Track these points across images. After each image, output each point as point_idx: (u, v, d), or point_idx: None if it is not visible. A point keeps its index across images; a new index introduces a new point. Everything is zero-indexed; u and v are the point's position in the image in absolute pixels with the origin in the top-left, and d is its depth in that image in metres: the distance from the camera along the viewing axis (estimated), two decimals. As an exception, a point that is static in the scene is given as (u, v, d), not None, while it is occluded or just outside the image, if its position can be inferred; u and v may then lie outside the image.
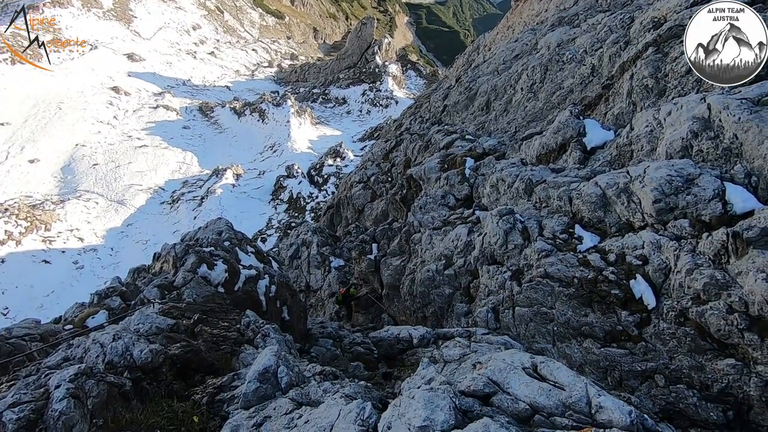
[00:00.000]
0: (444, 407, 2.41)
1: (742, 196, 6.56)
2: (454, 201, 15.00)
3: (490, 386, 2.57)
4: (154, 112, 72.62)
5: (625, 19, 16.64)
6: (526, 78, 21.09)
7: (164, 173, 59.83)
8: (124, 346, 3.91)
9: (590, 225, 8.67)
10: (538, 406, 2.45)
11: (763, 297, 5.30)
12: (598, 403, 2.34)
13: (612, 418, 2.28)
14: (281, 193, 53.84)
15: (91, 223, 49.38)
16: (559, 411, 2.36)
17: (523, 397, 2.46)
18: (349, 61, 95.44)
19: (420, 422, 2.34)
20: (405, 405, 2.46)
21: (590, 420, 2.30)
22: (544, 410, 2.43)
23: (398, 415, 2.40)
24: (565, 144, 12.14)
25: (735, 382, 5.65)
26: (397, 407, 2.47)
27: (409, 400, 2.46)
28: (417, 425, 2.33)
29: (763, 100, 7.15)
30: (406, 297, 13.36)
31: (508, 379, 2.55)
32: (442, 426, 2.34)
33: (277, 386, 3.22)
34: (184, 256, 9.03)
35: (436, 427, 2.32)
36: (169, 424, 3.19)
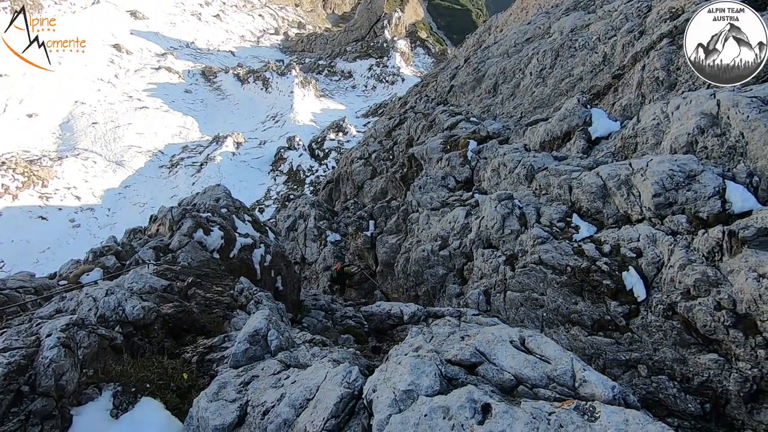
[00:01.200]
0: (430, 374, 2.47)
1: (742, 195, 6.55)
2: (454, 183, 14.95)
3: (477, 356, 2.62)
4: (155, 74, 71.28)
5: (642, 8, 16.24)
6: (536, 62, 20.71)
7: (164, 136, 59.17)
8: (116, 301, 3.96)
9: (588, 215, 8.68)
10: (522, 377, 2.51)
11: (752, 296, 5.37)
12: (583, 377, 2.40)
13: (595, 392, 2.34)
14: (281, 165, 53.46)
15: (88, 182, 49.11)
16: (543, 383, 2.42)
17: (508, 368, 2.52)
18: (357, 34, 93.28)
19: (405, 386, 2.40)
20: (391, 370, 2.52)
21: (573, 393, 2.36)
22: (528, 381, 2.48)
23: (384, 379, 2.47)
24: (570, 132, 12.03)
25: (715, 377, 5.78)
26: (383, 372, 2.53)
27: (395, 366, 2.52)
28: (402, 389, 2.40)
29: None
30: (399, 275, 13.47)
31: (495, 350, 2.60)
32: (427, 391, 2.40)
33: (267, 348, 3.28)
34: (181, 220, 9.02)
35: (421, 392, 2.39)
36: (159, 379, 3.27)
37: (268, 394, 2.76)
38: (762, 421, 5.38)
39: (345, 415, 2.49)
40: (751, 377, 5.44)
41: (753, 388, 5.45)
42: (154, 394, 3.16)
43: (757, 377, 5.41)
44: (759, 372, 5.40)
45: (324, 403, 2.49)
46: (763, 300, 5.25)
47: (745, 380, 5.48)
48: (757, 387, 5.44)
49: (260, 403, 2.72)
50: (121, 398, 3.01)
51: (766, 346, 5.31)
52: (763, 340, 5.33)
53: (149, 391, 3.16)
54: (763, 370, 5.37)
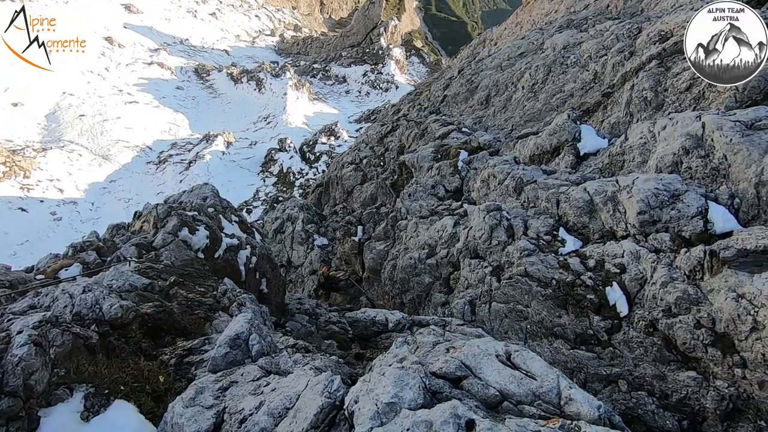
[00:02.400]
0: (413, 386, 2.43)
1: (724, 216, 6.70)
2: (444, 192, 15.01)
3: (462, 370, 2.60)
4: (147, 68, 70.55)
5: (633, 29, 16.64)
6: (528, 77, 21.02)
7: (153, 132, 58.45)
8: (94, 298, 3.83)
9: (574, 229, 8.77)
10: (507, 393, 2.49)
11: (731, 315, 5.46)
12: (569, 396, 2.38)
13: (581, 411, 2.32)
14: (271, 166, 53.20)
15: (72, 175, 48.17)
16: (528, 400, 2.40)
17: (493, 383, 2.49)
18: (353, 40, 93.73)
19: (388, 399, 2.36)
20: (374, 381, 2.47)
21: (558, 411, 2.34)
22: (513, 397, 2.46)
23: (366, 390, 2.42)
24: (559, 147, 12.19)
25: (693, 394, 5.85)
26: (366, 382, 2.48)
27: (379, 377, 2.47)
28: (385, 401, 2.35)
29: (756, 125, 7.25)
30: (386, 282, 13.42)
31: (480, 364, 2.58)
32: (410, 404, 2.36)
33: (248, 353, 3.20)
34: (166, 218, 8.87)
35: (404, 405, 2.34)
36: (134, 381, 3.15)
37: (247, 401, 2.69)
38: (737, 439, 5.45)
39: (325, 426, 2.44)
40: (728, 396, 5.52)
41: (729, 407, 5.53)
42: (128, 397, 3.05)
43: (733, 396, 5.49)
44: (735, 391, 5.48)
45: (304, 413, 2.43)
46: (742, 320, 5.34)
47: (722, 398, 5.55)
48: (733, 405, 5.51)
49: (238, 410, 2.63)
50: (93, 400, 2.90)
51: (743, 366, 5.40)
52: (740, 359, 5.41)
53: (123, 393, 3.04)
54: (739, 389, 5.45)
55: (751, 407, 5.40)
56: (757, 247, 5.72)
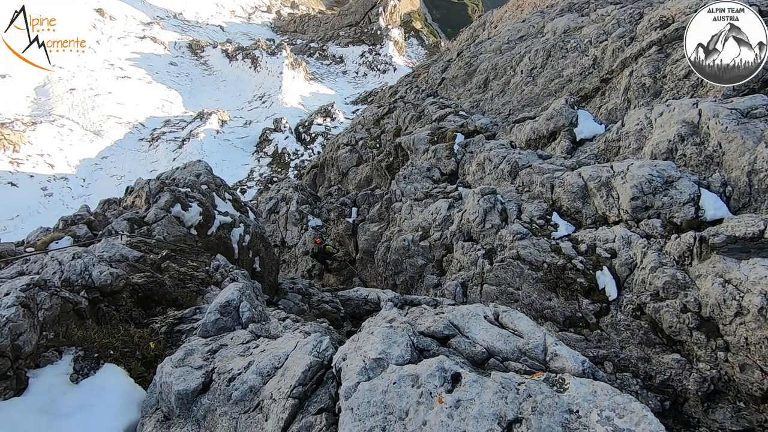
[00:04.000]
0: (401, 343, 2.48)
1: (715, 204, 6.76)
2: (439, 175, 14.98)
3: (450, 329, 2.64)
4: (140, 43, 68.89)
5: (635, 14, 16.45)
6: (527, 61, 20.81)
7: (146, 109, 57.42)
8: (83, 265, 3.81)
9: (567, 214, 8.82)
10: (494, 350, 2.54)
11: (717, 300, 5.56)
12: (554, 352, 2.44)
13: (565, 366, 2.38)
14: (266, 146, 52.63)
15: (63, 151, 47.40)
16: (514, 356, 2.46)
17: (480, 341, 2.54)
18: (351, 19, 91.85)
19: (375, 354, 2.41)
20: (363, 339, 2.51)
21: (544, 366, 2.40)
22: (499, 354, 2.51)
23: (355, 348, 2.46)
24: (555, 132, 12.16)
25: (677, 376, 5.99)
26: (354, 341, 2.52)
27: (367, 335, 2.51)
28: (372, 357, 2.39)
29: (752, 113, 7.26)
30: (379, 263, 13.49)
31: (468, 324, 2.62)
32: (397, 360, 2.41)
33: (238, 320, 3.22)
34: (159, 193, 8.78)
35: (391, 361, 2.39)
36: (124, 347, 3.17)
37: (236, 362, 2.72)
38: (716, 419, 5.61)
39: (313, 384, 2.48)
40: (710, 378, 5.66)
41: (710, 388, 5.68)
42: (117, 361, 3.06)
43: (715, 378, 5.63)
44: (717, 373, 5.62)
45: (292, 371, 2.47)
46: (727, 305, 5.44)
47: (704, 380, 5.69)
48: (714, 387, 5.66)
49: (227, 370, 2.67)
50: (83, 363, 2.91)
51: (725, 349, 5.52)
52: (723, 343, 5.54)
53: (113, 357, 3.06)
54: (721, 371, 5.59)
55: (731, 389, 5.56)
56: (746, 234, 5.80)
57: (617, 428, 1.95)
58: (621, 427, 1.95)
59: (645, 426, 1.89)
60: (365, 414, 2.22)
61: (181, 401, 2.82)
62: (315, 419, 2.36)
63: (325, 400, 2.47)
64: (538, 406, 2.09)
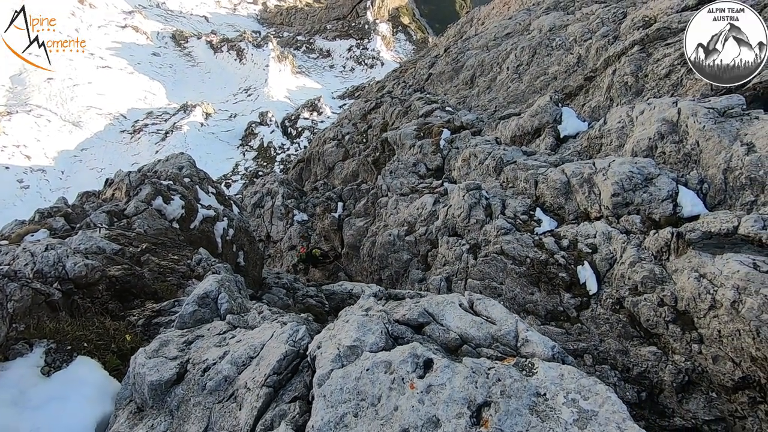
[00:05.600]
0: (376, 331, 2.50)
1: (692, 200, 6.94)
2: (425, 170, 15.02)
3: (425, 316, 2.67)
4: (121, 32, 67.15)
5: (618, 14, 16.68)
6: (513, 58, 20.95)
7: (127, 100, 56.10)
8: (56, 256, 3.70)
9: (550, 210, 8.94)
10: (467, 337, 2.58)
11: (692, 294, 5.71)
12: (525, 337, 2.50)
13: (536, 351, 2.45)
14: (251, 140, 51.96)
15: (41, 142, 46.05)
16: (487, 342, 2.50)
17: (454, 328, 2.58)
18: (339, 12, 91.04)
19: (350, 342, 2.42)
20: (338, 327, 2.53)
21: (515, 352, 2.46)
22: (472, 341, 2.56)
23: (330, 337, 2.47)
24: (540, 128, 12.29)
25: (653, 368, 6.15)
26: (330, 330, 2.54)
27: (343, 324, 2.53)
28: (346, 344, 2.41)
29: (729, 112, 7.45)
30: (364, 258, 13.49)
31: (443, 311, 2.66)
32: (371, 348, 2.44)
33: (216, 312, 3.18)
34: (140, 186, 8.60)
35: (365, 348, 2.41)
36: (98, 339, 3.09)
37: (211, 352, 2.69)
38: (690, 409, 5.78)
39: (288, 373, 2.47)
40: (684, 369, 5.82)
41: (685, 380, 5.85)
42: (91, 354, 2.99)
43: (689, 369, 5.80)
44: (691, 365, 5.79)
45: (267, 360, 2.46)
46: (701, 298, 5.60)
47: (679, 372, 5.86)
48: (688, 378, 5.83)
49: (202, 360, 2.64)
50: (54, 356, 2.83)
51: (699, 341, 5.69)
52: (698, 336, 5.70)
53: (87, 350, 2.98)
54: (695, 363, 5.76)
55: (704, 380, 5.73)
56: (720, 230, 5.96)
57: (582, 410, 2.01)
58: (586, 408, 2.01)
59: (608, 407, 1.97)
60: (338, 401, 2.24)
61: (155, 392, 2.79)
62: (289, 407, 2.37)
63: (299, 388, 2.47)
64: (507, 390, 2.15)
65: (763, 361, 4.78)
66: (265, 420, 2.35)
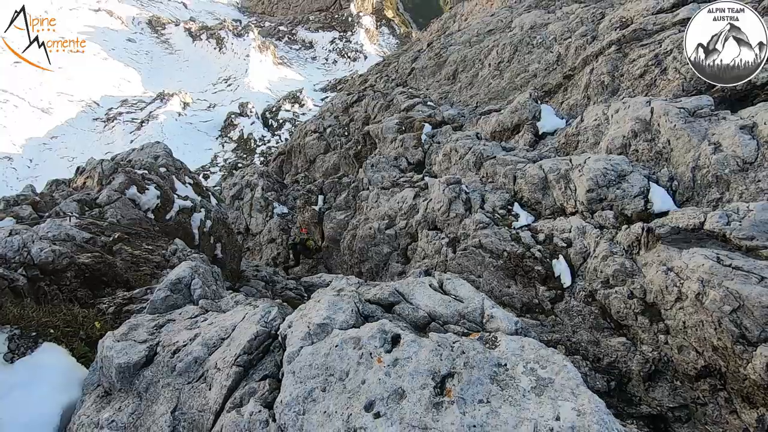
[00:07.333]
0: (347, 310, 2.54)
1: (663, 197, 7.18)
2: (407, 164, 15.06)
3: (395, 296, 2.73)
4: (94, 15, 64.73)
5: (597, 14, 17.01)
6: (495, 55, 21.13)
7: (101, 87, 54.24)
8: (21, 241, 3.56)
9: (528, 205, 9.11)
10: (435, 315, 2.66)
11: (660, 287, 5.93)
12: (490, 314, 2.59)
13: (500, 326, 2.57)
14: (231, 131, 51.02)
15: (7, 128, 44.13)
16: (454, 320, 2.58)
17: (423, 306, 2.66)
18: (322, 3, 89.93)
19: (320, 320, 2.47)
20: (310, 307, 2.56)
21: (480, 328, 2.54)
22: (440, 318, 2.64)
23: (300, 316, 2.50)
24: (519, 125, 12.47)
25: (622, 358, 6.37)
26: (301, 310, 2.56)
27: (314, 303, 2.56)
28: (316, 323, 2.45)
29: (698, 112, 7.72)
30: (345, 251, 13.47)
31: (413, 291, 2.72)
32: (341, 326, 2.49)
33: (189, 298, 3.13)
34: (113, 175, 8.36)
35: (335, 326, 2.46)
36: (66, 326, 3.01)
37: (182, 335, 2.66)
38: (655, 397, 6.02)
39: (259, 353, 2.48)
40: (651, 359, 6.05)
41: (651, 369, 6.08)
42: (59, 341, 2.91)
43: (656, 359, 6.03)
44: (658, 354, 6.02)
45: (238, 341, 2.46)
46: (669, 291, 5.81)
47: (646, 361, 6.08)
48: (655, 368, 6.06)
49: (172, 343, 2.62)
50: (18, 342, 2.74)
51: (666, 332, 5.91)
52: (664, 327, 5.92)
53: (53, 337, 2.90)
54: (661, 353, 5.99)
55: (669, 369, 5.97)
56: (687, 225, 6.20)
57: (540, 377, 2.13)
58: (543, 376, 2.12)
59: (564, 374, 2.08)
60: (306, 376, 2.29)
61: (122, 375, 2.77)
62: (258, 385, 2.40)
63: (270, 367, 2.50)
64: (470, 362, 2.25)
65: (723, 351, 5.01)
66: (235, 398, 2.38)
